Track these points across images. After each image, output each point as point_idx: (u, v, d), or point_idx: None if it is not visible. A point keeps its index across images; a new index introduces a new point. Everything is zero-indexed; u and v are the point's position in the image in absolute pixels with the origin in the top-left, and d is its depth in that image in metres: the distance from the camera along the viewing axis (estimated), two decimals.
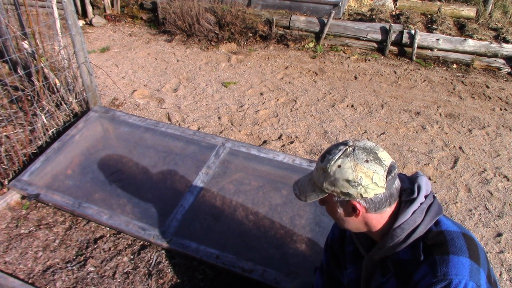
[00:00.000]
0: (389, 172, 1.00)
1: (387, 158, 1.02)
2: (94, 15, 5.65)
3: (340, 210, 1.05)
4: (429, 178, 2.81)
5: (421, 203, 1.04)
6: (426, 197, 1.06)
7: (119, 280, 1.96)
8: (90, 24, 5.57)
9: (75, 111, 3.14)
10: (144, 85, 4.00)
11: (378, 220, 1.06)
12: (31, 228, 2.26)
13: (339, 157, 1.00)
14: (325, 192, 1.03)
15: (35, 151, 2.77)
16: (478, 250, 0.98)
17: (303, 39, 5.04)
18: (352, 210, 1.04)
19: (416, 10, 5.70)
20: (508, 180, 2.82)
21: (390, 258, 1.08)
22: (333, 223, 1.41)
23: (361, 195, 0.99)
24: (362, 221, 1.06)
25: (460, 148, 3.17)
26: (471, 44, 4.55)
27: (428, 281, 0.96)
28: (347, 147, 1.02)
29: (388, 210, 1.05)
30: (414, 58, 4.69)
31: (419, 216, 1.03)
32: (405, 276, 1.03)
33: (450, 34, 4.81)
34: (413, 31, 4.63)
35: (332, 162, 1.00)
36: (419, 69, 4.54)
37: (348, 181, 0.99)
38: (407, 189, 1.07)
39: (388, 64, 4.63)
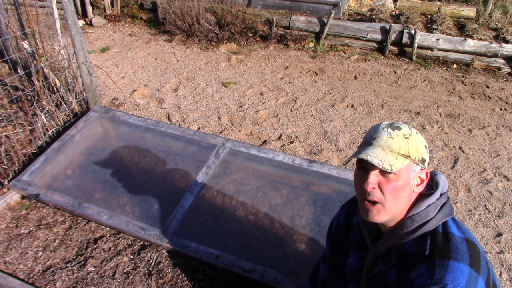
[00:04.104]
0: None
1: None
2: (94, 15, 5.65)
3: (413, 182, 1.05)
4: None
5: (436, 199, 1.06)
6: (441, 195, 1.08)
7: (119, 280, 1.96)
8: (90, 24, 5.57)
9: (75, 111, 3.14)
10: (144, 85, 4.00)
11: (412, 200, 1.07)
12: (31, 228, 2.26)
13: (409, 127, 1.07)
14: (410, 159, 1.02)
15: (35, 151, 2.76)
16: (479, 257, 0.98)
17: (303, 39, 5.04)
18: (420, 181, 1.07)
19: (416, 10, 5.70)
20: (508, 180, 2.82)
21: (395, 248, 1.08)
22: (337, 212, 1.39)
23: (427, 162, 1.06)
24: (410, 198, 1.06)
25: (460, 148, 3.17)
26: (471, 44, 4.55)
27: (423, 281, 0.96)
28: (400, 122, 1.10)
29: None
30: (414, 58, 4.69)
31: (433, 211, 1.04)
32: (403, 270, 1.03)
33: (450, 34, 4.81)
34: (413, 31, 4.63)
35: (411, 130, 1.06)
36: (419, 69, 4.54)
37: (425, 146, 1.06)
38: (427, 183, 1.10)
39: (388, 64, 4.63)
